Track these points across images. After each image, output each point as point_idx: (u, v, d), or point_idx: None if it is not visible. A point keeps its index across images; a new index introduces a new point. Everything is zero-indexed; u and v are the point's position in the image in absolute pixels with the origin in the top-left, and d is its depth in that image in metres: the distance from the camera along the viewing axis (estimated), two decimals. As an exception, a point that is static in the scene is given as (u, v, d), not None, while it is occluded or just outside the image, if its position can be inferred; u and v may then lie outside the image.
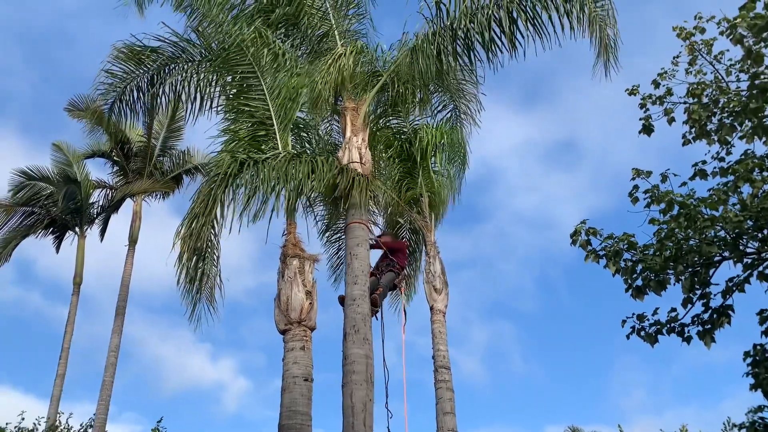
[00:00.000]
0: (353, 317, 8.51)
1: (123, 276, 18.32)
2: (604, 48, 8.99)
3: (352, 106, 10.10)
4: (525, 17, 8.97)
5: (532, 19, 8.98)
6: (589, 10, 8.87)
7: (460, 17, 9.15)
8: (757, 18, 7.45)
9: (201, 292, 8.68)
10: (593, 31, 8.90)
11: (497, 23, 9.07)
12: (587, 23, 8.89)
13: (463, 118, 12.61)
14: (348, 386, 8.07)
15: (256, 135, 9.88)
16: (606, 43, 8.99)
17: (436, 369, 11.18)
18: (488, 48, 9.21)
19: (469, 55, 9.48)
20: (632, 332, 7.83)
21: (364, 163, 9.68)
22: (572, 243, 8.02)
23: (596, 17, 8.90)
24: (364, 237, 9.25)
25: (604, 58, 9.04)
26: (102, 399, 16.55)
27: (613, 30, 9.09)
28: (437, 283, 11.94)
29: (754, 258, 7.55)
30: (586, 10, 8.85)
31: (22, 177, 18.73)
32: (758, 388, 7.37)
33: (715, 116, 8.88)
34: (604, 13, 9.00)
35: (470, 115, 12.49)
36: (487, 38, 9.10)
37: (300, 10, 10.58)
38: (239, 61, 9.64)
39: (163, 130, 19.94)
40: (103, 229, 19.67)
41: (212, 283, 8.80)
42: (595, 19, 8.90)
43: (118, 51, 9.73)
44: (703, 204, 7.54)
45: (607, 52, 9.04)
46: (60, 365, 17.57)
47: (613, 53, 9.11)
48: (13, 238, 18.85)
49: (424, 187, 12.72)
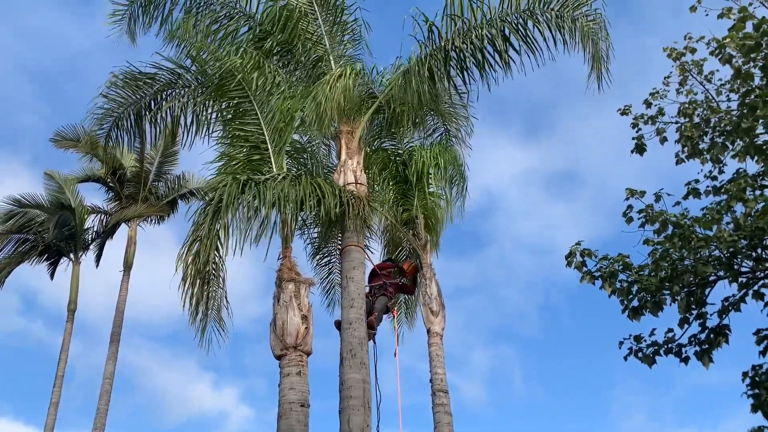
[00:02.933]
0: (350, 341, 8.45)
1: (118, 302, 18.21)
2: (596, 61, 9.05)
3: (347, 129, 10.14)
4: (518, 35, 9.06)
5: (524, 36, 9.07)
6: (581, 24, 8.97)
7: (453, 38, 9.22)
8: (746, 38, 7.54)
9: (208, 316, 8.57)
10: (586, 45, 8.99)
11: (490, 42, 9.14)
12: (579, 37, 8.97)
13: (453, 141, 12.66)
14: (345, 412, 7.99)
15: (251, 159, 9.91)
16: (598, 56, 9.06)
17: (434, 393, 11.07)
18: (481, 67, 9.28)
19: (462, 76, 9.55)
20: (630, 354, 7.79)
21: (360, 185, 9.70)
22: (567, 264, 8.01)
23: (588, 31, 8.98)
24: (360, 260, 9.23)
25: (597, 70, 9.10)
26: (96, 427, 16.35)
27: (606, 43, 9.17)
28: (434, 306, 11.87)
29: (749, 277, 7.55)
30: (577, 23, 8.95)
31: (14, 205, 18.67)
32: (758, 410, 7.32)
33: (707, 135, 8.95)
34: (596, 27, 9.07)
35: (461, 138, 12.54)
36: (480, 58, 9.19)
37: (293, 37, 10.68)
38: (232, 88, 9.69)
39: (158, 155, 19.99)
40: (99, 255, 19.59)
41: (219, 305, 8.70)
42: (587, 33, 8.97)
43: (115, 77, 9.76)
44: (697, 224, 7.56)
45: (599, 65, 9.09)
46: (54, 393, 17.34)
47: (605, 66, 9.16)
48: (7, 265, 18.73)
49: (419, 209, 12.71)
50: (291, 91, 10.07)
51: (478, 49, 9.16)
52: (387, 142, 12.90)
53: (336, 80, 9.77)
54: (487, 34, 9.09)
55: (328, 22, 10.95)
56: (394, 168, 12.94)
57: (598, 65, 9.07)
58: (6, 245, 18.67)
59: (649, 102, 9.53)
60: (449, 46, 9.20)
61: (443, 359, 11.44)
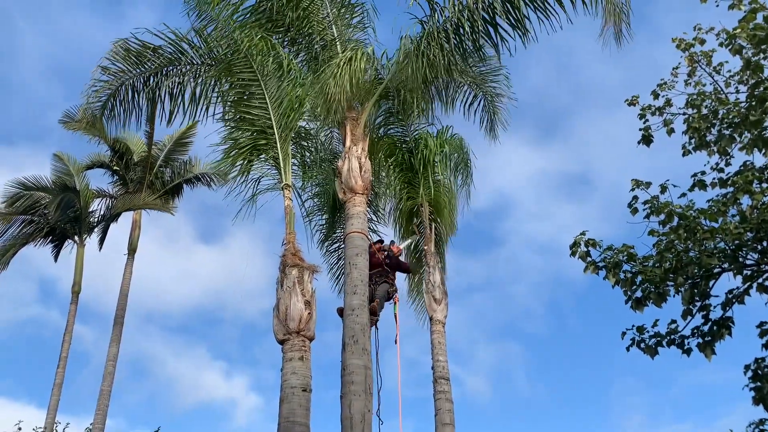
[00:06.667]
0: (352, 327, 8.48)
1: (122, 285, 18.27)
2: (615, 15, 8.55)
3: (353, 115, 10.10)
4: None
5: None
6: None
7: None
8: (757, 29, 7.46)
9: None
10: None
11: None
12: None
13: (496, 102, 12.19)
14: (347, 397, 8.03)
15: (258, 144, 9.87)
16: (617, 9, 8.58)
17: (435, 380, 11.11)
18: (496, 31, 9.05)
19: (477, 42, 9.30)
20: (632, 344, 7.77)
21: (364, 172, 9.68)
22: (571, 254, 7.98)
23: None
24: (363, 247, 9.24)
25: (615, 25, 8.60)
26: (99, 409, 16.44)
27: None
28: (437, 293, 11.89)
29: (753, 270, 7.52)
30: None
31: (20, 188, 18.69)
32: (760, 403, 7.31)
33: (715, 127, 8.88)
34: None
35: (500, 97, 12.08)
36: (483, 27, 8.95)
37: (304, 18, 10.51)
38: (242, 68, 9.60)
39: (170, 143, 19.90)
40: (102, 239, 19.63)
41: None
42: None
43: (117, 47, 9.37)
44: (703, 215, 7.52)
45: (618, 19, 8.61)
46: (57, 374, 17.43)
47: (625, 20, 8.67)
48: (12, 246, 18.80)
49: (424, 197, 12.69)
50: (301, 78, 9.97)
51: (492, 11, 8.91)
52: (393, 129, 12.85)
53: (346, 63, 9.64)
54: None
55: (336, 5, 10.86)
56: (401, 155, 12.91)
57: (617, 19, 8.54)
58: (11, 226, 18.74)
59: (656, 93, 9.45)
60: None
61: (445, 347, 11.47)
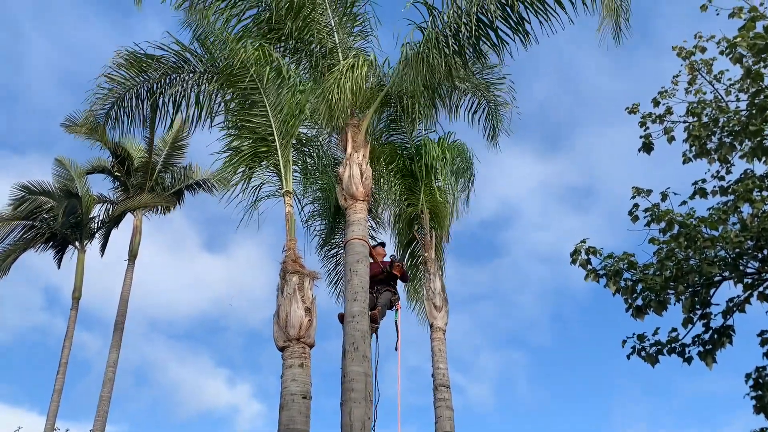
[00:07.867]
0: (353, 334, 8.47)
1: (122, 291, 18.26)
2: (614, 11, 8.42)
3: (354, 122, 10.11)
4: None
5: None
6: None
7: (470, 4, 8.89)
8: (757, 38, 7.49)
9: None
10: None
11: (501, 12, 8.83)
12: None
13: (499, 110, 12.23)
14: (347, 404, 8.01)
15: (258, 151, 9.89)
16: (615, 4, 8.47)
17: (436, 387, 11.09)
18: (496, 34, 9.00)
19: (477, 46, 9.26)
20: (633, 353, 7.77)
21: (365, 179, 9.69)
22: (572, 262, 7.98)
23: None
24: (364, 253, 9.23)
25: (614, 22, 8.48)
26: (99, 415, 16.42)
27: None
28: (437, 301, 11.88)
29: (754, 278, 7.52)
30: None
31: (23, 191, 18.73)
32: (761, 412, 7.30)
33: (715, 135, 8.90)
34: None
35: (504, 106, 12.11)
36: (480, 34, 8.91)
37: (305, 26, 10.52)
38: (242, 78, 9.64)
39: (166, 147, 19.98)
40: (104, 244, 19.65)
41: None
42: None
43: (120, 57, 9.42)
44: (704, 223, 7.52)
45: (617, 15, 8.50)
46: (57, 380, 17.43)
47: (624, 17, 8.57)
48: (13, 251, 18.83)
49: (424, 203, 12.70)
50: (301, 85, 9.99)
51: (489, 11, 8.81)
52: (395, 136, 12.86)
53: (347, 71, 9.67)
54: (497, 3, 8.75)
55: (337, 13, 10.88)
56: (401, 162, 12.92)
57: (615, 14, 8.43)
58: (12, 231, 18.76)
59: (657, 101, 9.47)
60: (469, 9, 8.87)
61: (446, 354, 11.45)
